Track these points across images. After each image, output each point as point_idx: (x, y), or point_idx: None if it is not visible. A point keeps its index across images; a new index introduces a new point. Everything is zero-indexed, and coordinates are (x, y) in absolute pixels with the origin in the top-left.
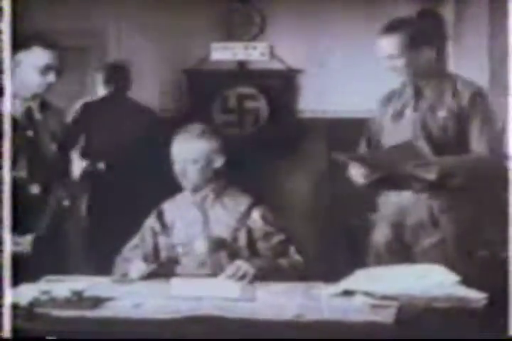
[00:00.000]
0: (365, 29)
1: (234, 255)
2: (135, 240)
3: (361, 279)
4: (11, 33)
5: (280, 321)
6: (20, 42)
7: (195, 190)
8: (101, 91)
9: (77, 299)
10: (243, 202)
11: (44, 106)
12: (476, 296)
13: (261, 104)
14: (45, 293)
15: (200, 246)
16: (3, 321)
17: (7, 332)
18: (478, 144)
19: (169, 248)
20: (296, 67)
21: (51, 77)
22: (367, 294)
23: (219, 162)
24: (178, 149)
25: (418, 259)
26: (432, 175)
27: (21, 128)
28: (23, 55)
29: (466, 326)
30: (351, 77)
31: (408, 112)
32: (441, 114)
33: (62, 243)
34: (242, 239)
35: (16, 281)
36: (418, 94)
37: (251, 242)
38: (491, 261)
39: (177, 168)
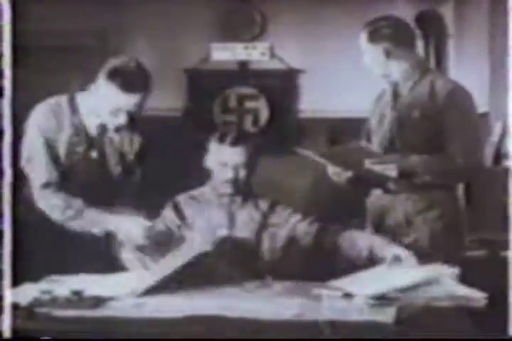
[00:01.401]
0: None
1: (256, 258)
2: (158, 226)
3: (361, 279)
4: (11, 33)
5: (280, 321)
6: (104, 73)
7: (236, 194)
8: None
9: (78, 299)
10: (264, 202)
11: (124, 126)
12: (476, 295)
13: (261, 104)
14: (45, 292)
15: (223, 248)
16: (4, 321)
17: (7, 332)
18: (451, 144)
19: (200, 230)
20: (296, 67)
21: (121, 120)
22: (367, 294)
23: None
24: (226, 152)
25: None
26: (392, 172)
27: (87, 144)
28: (101, 84)
29: (466, 325)
30: (351, 77)
31: (388, 112)
32: (415, 114)
33: None
34: (266, 242)
35: (16, 281)
36: (396, 93)
37: (273, 245)
38: (490, 260)
39: (225, 172)
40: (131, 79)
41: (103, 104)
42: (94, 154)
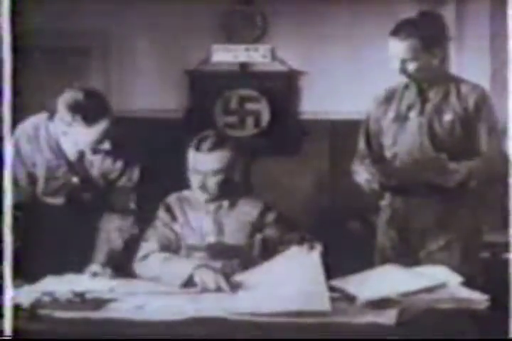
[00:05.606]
0: (367, 30)
1: (247, 263)
2: (149, 236)
3: (363, 280)
4: (10, 33)
5: (281, 321)
6: (64, 107)
7: (211, 200)
8: None
9: (80, 300)
10: (256, 207)
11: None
12: (478, 298)
13: (262, 106)
14: (47, 294)
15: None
16: (5, 322)
17: (9, 333)
18: (488, 147)
19: (190, 235)
20: (297, 69)
21: (105, 146)
22: (369, 296)
23: (238, 173)
24: (198, 160)
25: (424, 262)
26: (451, 183)
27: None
28: (64, 117)
29: (468, 327)
30: (353, 79)
31: (413, 115)
32: (448, 117)
33: None
34: (257, 247)
35: (17, 282)
36: (423, 97)
37: (265, 250)
38: (492, 262)
39: (196, 179)
40: (91, 112)
41: (74, 136)
42: (75, 179)
